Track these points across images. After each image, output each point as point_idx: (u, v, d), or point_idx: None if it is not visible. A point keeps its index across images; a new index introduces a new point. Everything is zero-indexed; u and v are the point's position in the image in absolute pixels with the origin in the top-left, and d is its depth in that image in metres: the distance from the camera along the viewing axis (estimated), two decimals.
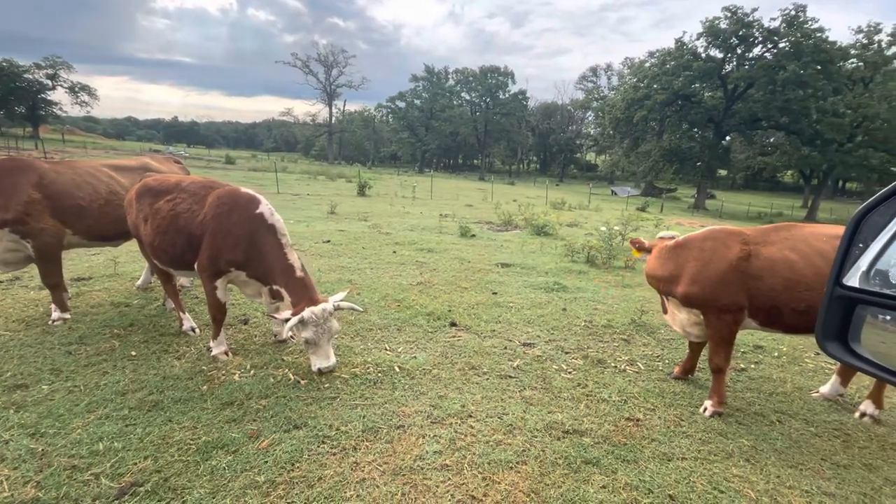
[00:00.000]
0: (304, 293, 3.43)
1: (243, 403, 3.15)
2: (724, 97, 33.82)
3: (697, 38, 32.93)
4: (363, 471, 2.56)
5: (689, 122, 34.24)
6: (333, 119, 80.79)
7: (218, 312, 3.79)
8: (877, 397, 3.62)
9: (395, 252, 8.68)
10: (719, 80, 32.97)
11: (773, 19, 30.54)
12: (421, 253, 8.80)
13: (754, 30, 30.81)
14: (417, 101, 74.84)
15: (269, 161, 53.88)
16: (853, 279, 0.97)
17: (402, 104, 75.95)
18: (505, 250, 9.85)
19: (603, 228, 9.15)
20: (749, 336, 5.24)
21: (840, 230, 3.36)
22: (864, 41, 32.85)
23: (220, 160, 44.74)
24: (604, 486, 2.60)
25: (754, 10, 30.84)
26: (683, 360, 4.16)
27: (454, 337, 4.69)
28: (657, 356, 4.59)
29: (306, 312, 3.26)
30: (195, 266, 3.74)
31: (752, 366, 4.55)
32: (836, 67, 29.76)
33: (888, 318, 0.92)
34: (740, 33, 31.06)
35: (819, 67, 28.16)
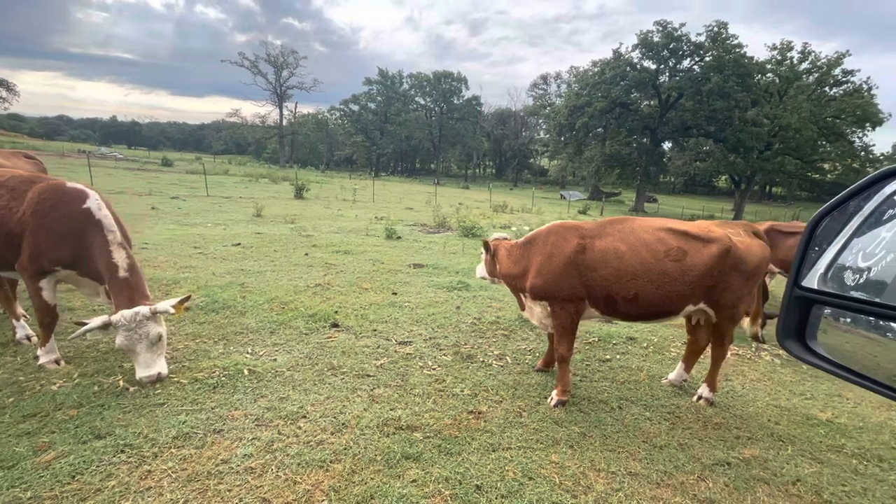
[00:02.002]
0: (124, 295, 3.22)
1: (49, 414, 2.90)
2: (658, 106, 35.83)
3: (633, 50, 34.81)
4: (153, 479, 2.41)
5: (626, 128, 36.01)
6: (285, 121, 78.38)
7: (46, 316, 3.50)
8: (711, 381, 3.85)
9: (307, 254, 8.47)
10: (653, 90, 34.92)
11: (699, 34, 32.86)
12: (335, 255, 8.63)
13: (683, 44, 32.94)
14: (372, 105, 74.04)
15: (211, 163, 51.63)
16: (811, 281, 0.99)
17: (355, 107, 74.93)
18: (426, 251, 9.86)
19: (514, 229, 9.34)
20: (625, 329, 5.48)
21: (665, 223, 3.56)
22: (779, 57, 35.95)
23: (156, 162, 42.26)
24: (414, 480, 2.58)
25: (682, 24, 33.04)
26: (545, 352, 4.28)
27: (329, 338, 4.58)
28: (530, 350, 4.69)
29: (115, 316, 3.06)
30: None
31: (619, 356, 4.74)
32: (755, 80, 32.32)
33: (849, 319, 0.95)
34: (671, 46, 33.10)
35: (738, 80, 30.44)
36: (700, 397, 3.85)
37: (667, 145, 43.63)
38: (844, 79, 34.85)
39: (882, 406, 4.11)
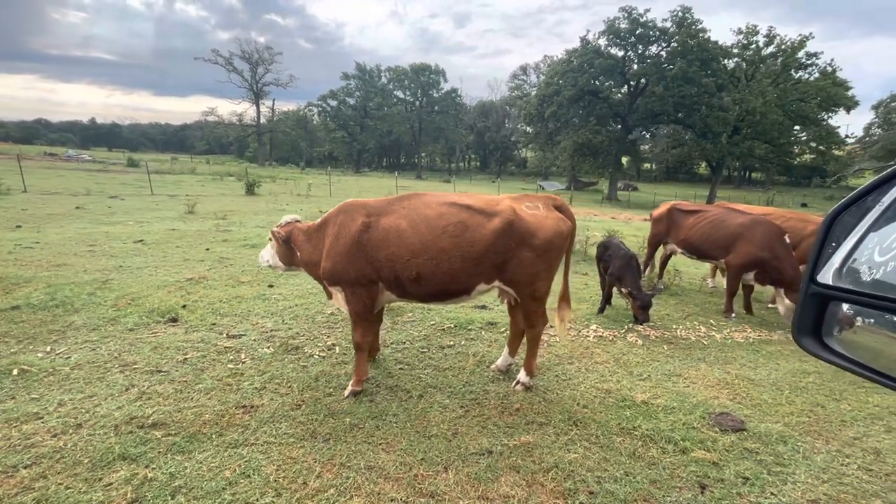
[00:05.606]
0: None
1: None
2: (628, 93, 35.66)
3: (600, 37, 34.55)
4: None
5: (595, 116, 35.79)
6: (263, 118, 77.13)
7: None
8: (528, 365, 3.65)
9: (208, 249, 8.17)
10: (621, 77, 34.73)
11: (665, 20, 32.66)
12: (240, 249, 8.35)
13: (649, 30, 32.73)
14: (350, 100, 73.07)
15: (188, 163, 50.76)
16: (826, 277, 0.98)
17: (333, 102, 73.90)
18: None
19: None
20: (491, 314, 5.27)
21: (452, 197, 3.33)
22: (745, 41, 35.91)
23: (121, 163, 41.59)
24: (109, 484, 2.34)
25: (647, 10, 32.81)
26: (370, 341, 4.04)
27: (154, 334, 4.32)
28: None
29: None
30: None
31: (464, 342, 4.53)
32: (721, 65, 32.24)
33: (872, 320, 0.95)
34: (637, 32, 32.88)
35: (701, 64, 30.32)
36: (518, 383, 3.64)
37: (645, 134, 43.52)
38: (808, 62, 34.91)
39: (717, 385, 3.94)
